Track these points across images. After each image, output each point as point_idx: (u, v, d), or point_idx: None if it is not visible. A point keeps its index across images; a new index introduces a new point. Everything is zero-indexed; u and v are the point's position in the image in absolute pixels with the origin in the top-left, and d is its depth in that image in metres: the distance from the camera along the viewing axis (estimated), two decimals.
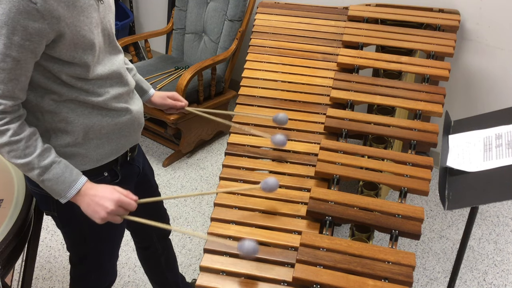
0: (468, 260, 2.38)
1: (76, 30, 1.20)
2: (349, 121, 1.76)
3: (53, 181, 1.25)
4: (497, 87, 2.61)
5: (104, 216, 1.27)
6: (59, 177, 1.26)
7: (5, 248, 1.40)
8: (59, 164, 1.26)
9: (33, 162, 1.23)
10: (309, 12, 2.41)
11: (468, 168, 1.62)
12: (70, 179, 1.27)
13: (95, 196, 1.28)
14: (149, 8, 3.89)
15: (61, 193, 1.27)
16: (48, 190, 1.28)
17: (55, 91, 1.26)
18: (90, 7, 1.24)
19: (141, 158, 1.61)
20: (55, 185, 1.26)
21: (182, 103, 1.69)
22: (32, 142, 1.23)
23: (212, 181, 2.90)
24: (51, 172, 1.25)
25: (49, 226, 2.54)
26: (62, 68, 1.23)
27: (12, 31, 1.11)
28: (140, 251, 1.88)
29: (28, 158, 1.22)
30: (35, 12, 1.11)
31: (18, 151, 1.21)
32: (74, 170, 1.29)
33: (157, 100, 1.67)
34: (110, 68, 1.34)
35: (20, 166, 1.24)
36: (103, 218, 1.28)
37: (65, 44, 1.20)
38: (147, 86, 1.66)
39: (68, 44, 1.20)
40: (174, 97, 1.69)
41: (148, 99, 1.67)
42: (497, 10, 2.45)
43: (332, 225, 1.43)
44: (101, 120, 1.34)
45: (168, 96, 1.68)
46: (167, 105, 1.68)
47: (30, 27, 1.12)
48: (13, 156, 1.22)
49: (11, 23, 1.11)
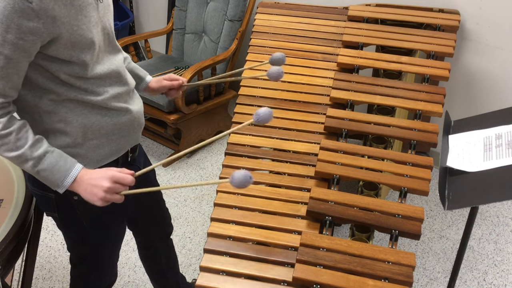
0: (468, 260, 2.38)
1: (73, 29, 1.20)
2: (349, 121, 1.76)
3: (48, 171, 1.24)
4: (497, 87, 2.61)
5: (102, 196, 1.24)
6: (53, 166, 1.24)
7: (5, 248, 1.40)
8: (53, 153, 1.25)
9: (25, 153, 1.22)
10: (309, 12, 2.41)
11: (468, 168, 1.62)
12: (65, 167, 1.26)
13: (90, 179, 1.25)
14: (149, 8, 3.89)
15: (58, 183, 1.26)
16: (45, 181, 1.27)
17: (53, 91, 1.26)
18: (89, 6, 1.24)
19: (142, 158, 1.61)
20: (50, 175, 1.25)
21: (179, 81, 1.66)
22: (22, 134, 1.22)
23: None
24: (45, 162, 1.24)
25: (49, 226, 2.54)
26: (60, 67, 1.23)
27: (6, 29, 1.11)
28: (142, 251, 1.88)
29: (20, 150, 1.21)
30: (30, 11, 1.11)
31: (10, 144, 1.21)
32: (69, 158, 1.27)
33: (155, 85, 1.64)
34: (109, 67, 1.34)
35: (14, 159, 1.23)
36: (102, 198, 1.25)
37: (62, 43, 1.20)
38: (143, 73, 1.64)
39: (65, 43, 1.20)
40: (170, 78, 1.66)
41: (146, 86, 1.65)
42: (497, 10, 2.45)
43: (332, 225, 1.43)
44: (100, 120, 1.34)
45: (164, 78, 1.65)
46: (165, 87, 1.65)
47: (24, 26, 1.12)
48: (5, 150, 1.21)
49: (6, 21, 1.11)
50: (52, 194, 1.38)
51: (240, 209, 1.48)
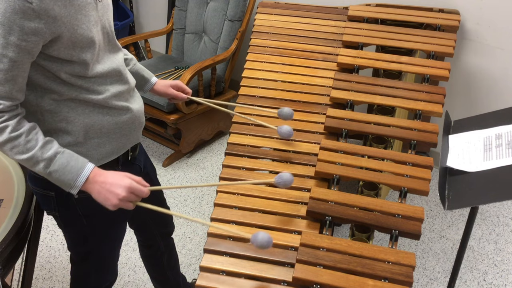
0: (468, 260, 2.38)
1: (74, 29, 1.20)
2: (349, 121, 1.76)
3: (60, 172, 1.24)
4: (497, 87, 2.61)
5: (116, 203, 1.25)
6: (65, 167, 1.24)
7: (5, 248, 1.40)
8: (63, 154, 1.25)
9: (36, 155, 1.22)
10: (309, 12, 2.41)
11: (468, 168, 1.62)
12: (76, 167, 1.25)
13: (105, 183, 1.25)
14: (149, 8, 3.89)
15: (70, 183, 1.25)
16: (57, 182, 1.26)
17: (55, 90, 1.26)
18: (88, 5, 1.25)
19: (142, 157, 1.61)
20: (62, 175, 1.24)
21: (184, 95, 1.68)
22: (32, 136, 1.22)
23: (212, 181, 2.90)
24: (57, 163, 1.23)
25: (49, 226, 2.54)
26: (61, 67, 1.23)
27: (9, 31, 1.11)
28: (143, 249, 1.89)
29: (30, 152, 1.21)
30: (31, 11, 1.11)
31: (20, 147, 1.21)
32: (80, 158, 1.27)
33: (160, 88, 1.65)
34: (110, 66, 1.34)
35: (25, 161, 1.23)
36: (115, 205, 1.26)
37: (63, 43, 1.20)
38: (149, 74, 1.65)
39: (66, 42, 1.20)
40: (177, 86, 1.67)
41: (151, 88, 1.66)
42: (497, 10, 2.45)
43: (332, 225, 1.43)
44: (101, 119, 1.34)
45: (172, 85, 1.66)
46: (170, 95, 1.67)
47: (26, 27, 1.12)
48: (16, 153, 1.21)
49: (7, 23, 1.11)
50: (53, 193, 1.38)
51: (240, 209, 1.48)
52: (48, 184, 1.36)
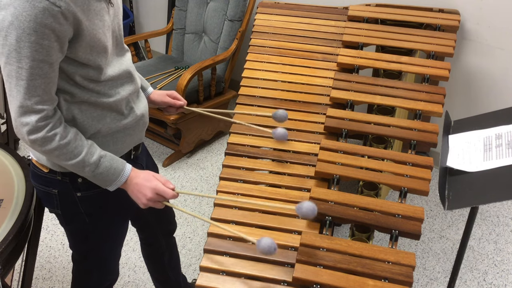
0: (468, 260, 2.38)
1: (93, 33, 1.22)
2: (349, 121, 1.76)
3: (104, 174, 1.30)
4: (497, 87, 2.61)
5: (145, 202, 1.34)
6: (109, 169, 1.30)
7: (5, 248, 1.40)
8: (106, 157, 1.31)
9: (83, 160, 1.27)
10: (309, 12, 2.41)
11: (468, 168, 1.62)
12: (119, 169, 1.32)
13: (136, 184, 1.34)
14: (149, 8, 3.89)
15: (111, 183, 1.33)
16: (98, 182, 1.32)
17: (68, 91, 1.27)
18: (102, 10, 1.26)
19: (144, 156, 1.61)
20: (106, 177, 1.31)
21: (181, 102, 1.69)
22: (78, 142, 1.26)
23: (212, 181, 2.90)
24: (101, 166, 1.29)
25: (49, 226, 2.54)
26: (76, 70, 1.24)
27: (42, 36, 1.13)
28: (145, 247, 1.89)
29: (78, 157, 1.26)
30: (59, 15, 1.13)
31: (68, 154, 1.25)
32: (119, 160, 1.34)
33: (156, 98, 1.67)
34: (120, 68, 1.36)
35: (71, 166, 1.27)
36: (144, 204, 1.35)
37: (82, 46, 1.21)
38: (146, 84, 1.66)
39: (85, 46, 1.21)
40: (173, 96, 1.69)
41: (147, 97, 1.67)
42: (497, 10, 2.45)
43: (332, 225, 1.43)
44: (109, 121, 1.35)
45: (168, 95, 1.68)
46: (166, 103, 1.68)
47: (57, 30, 1.14)
48: (63, 159, 1.25)
49: (40, 29, 1.12)
50: (55, 191, 1.39)
51: (240, 209, 1.48)
52: (51, 182, 1.36)
